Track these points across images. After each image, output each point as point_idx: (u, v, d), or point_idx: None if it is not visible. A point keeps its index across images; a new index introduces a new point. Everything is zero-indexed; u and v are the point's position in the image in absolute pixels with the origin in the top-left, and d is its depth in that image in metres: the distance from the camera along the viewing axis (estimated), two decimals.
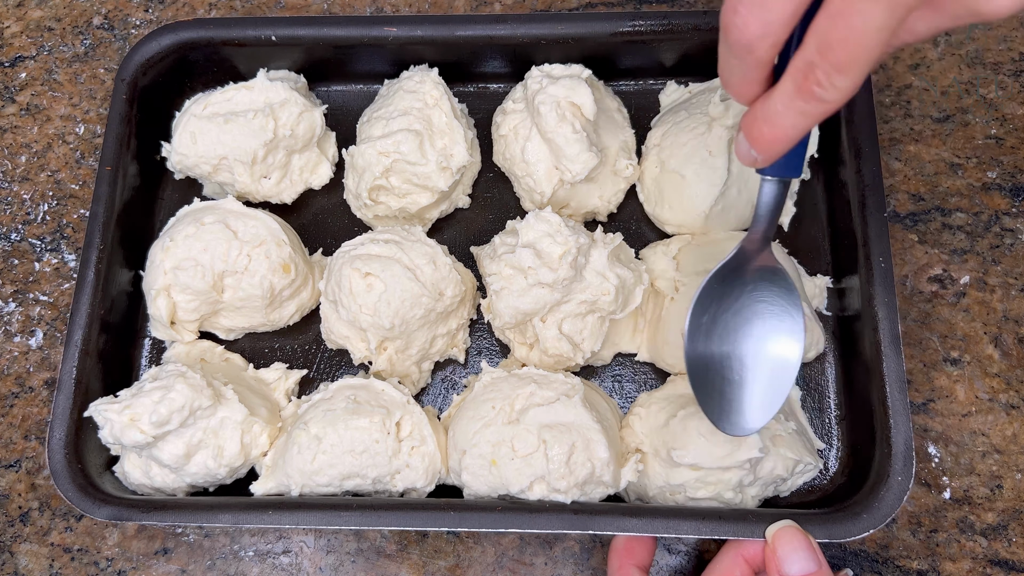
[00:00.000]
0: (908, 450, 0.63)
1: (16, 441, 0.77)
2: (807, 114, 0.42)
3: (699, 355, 0.58)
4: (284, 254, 0.72)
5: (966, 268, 0.76)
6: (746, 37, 0.40)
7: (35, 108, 0.88)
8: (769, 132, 0.44)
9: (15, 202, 0.85)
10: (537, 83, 0.72)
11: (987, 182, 0.79)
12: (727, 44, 0.42)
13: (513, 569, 0.71)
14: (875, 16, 0.36)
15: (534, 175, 0.74)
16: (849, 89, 0.40)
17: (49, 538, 0.74)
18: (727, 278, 0.58)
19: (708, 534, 0.61)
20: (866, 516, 0.62)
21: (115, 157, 0.76)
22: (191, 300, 0.71)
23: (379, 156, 0.73)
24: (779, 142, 0.44)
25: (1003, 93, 0.81)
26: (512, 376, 0.69)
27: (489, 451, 0.65)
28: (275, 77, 0.77)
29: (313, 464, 0.65)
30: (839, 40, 0.38)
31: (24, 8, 0.93)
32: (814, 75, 0.39)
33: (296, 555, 0.72)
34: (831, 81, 0.39)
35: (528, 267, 0.66)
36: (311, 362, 0.77)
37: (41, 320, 0.81)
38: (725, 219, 0.74)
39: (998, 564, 0.69)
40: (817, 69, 0.39)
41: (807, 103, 0.41)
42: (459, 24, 0.77)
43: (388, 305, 0.68)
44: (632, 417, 0.70)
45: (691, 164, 0.73)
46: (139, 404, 0.64)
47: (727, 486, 0.64)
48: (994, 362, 0.74)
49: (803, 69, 0.40)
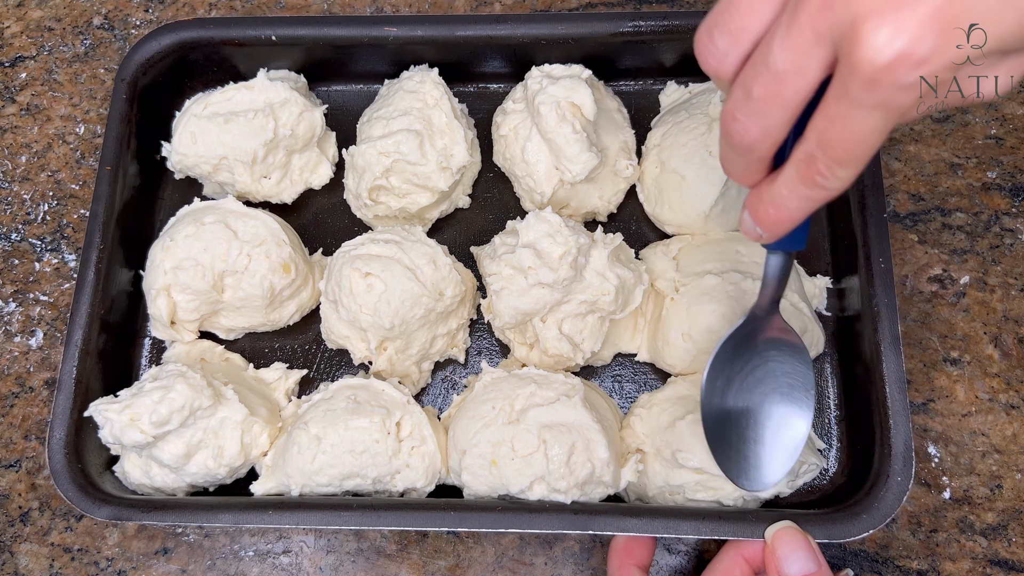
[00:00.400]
0: (908, 450, 0.63)
1: (16, 441, 0.77)
2: (810, 199, 0.44)
3: (715, 415, 0.60)
4: (284, 254, 0.72)
5: (966, 268, 0.77)
6: (747, 141, 0.43)
7: (35, 108, 0.88)
8: (775, 214, 0.46)
9: (15, 202, 0.85)
10: (537, 83, 0.72)
11: (987, 182, 0.79)
12: (729, 145, 0.44)
13: (513, 569, 0.71)
14: (870, 122, 0.38)
15: (534, 175, 0.74)
16: (850, 178, 0.41)
17: (49, 538, 0.74)
18: (739, 342, 0.60)
19: (708, 534, 0.61)
20: (865, 516, 0.62)
21: (115, 157, 0.76)
22: (191, 300, 0.71)
23: (379, 156, 0.73)
24: (784, 223, 0.46)
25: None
26: (512, 376, 0.69)
27: (489, 451, 0.65)
28: (275, 77, 0.77)
29: (313, 464, 0.65)
30: (837, 140, 0.39)
31: (24, 8, 0.93)
32: (816, 167, 0.41)
33: (296, 555, 0.72)
34: (832, 172, 0.41)
35: (528, 267, 0.66)
36: (311, 362, 0.77)
37: (41, 320, 0.81)
38: (725, 219, 0.74)
39: (998, 564, 0.69)
40: (819, 162, 0.41)
41: (810, 190, 0.43)
42: (459, 24, 0.77)
43: (388, 305, 0.68)
44: (633, 418, 0.70)
45: (691, 164, 0.73)
46: (139, 404, 0.64)
47: (728, 494, 0.64)
48: (994, 362, 0.74)
49: (805, 160, 0.41)
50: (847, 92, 0.37)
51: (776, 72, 0.39)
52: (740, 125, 0.42)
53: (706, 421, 0.60)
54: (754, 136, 0.42)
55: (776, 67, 0.39)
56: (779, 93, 0.40)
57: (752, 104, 0.41)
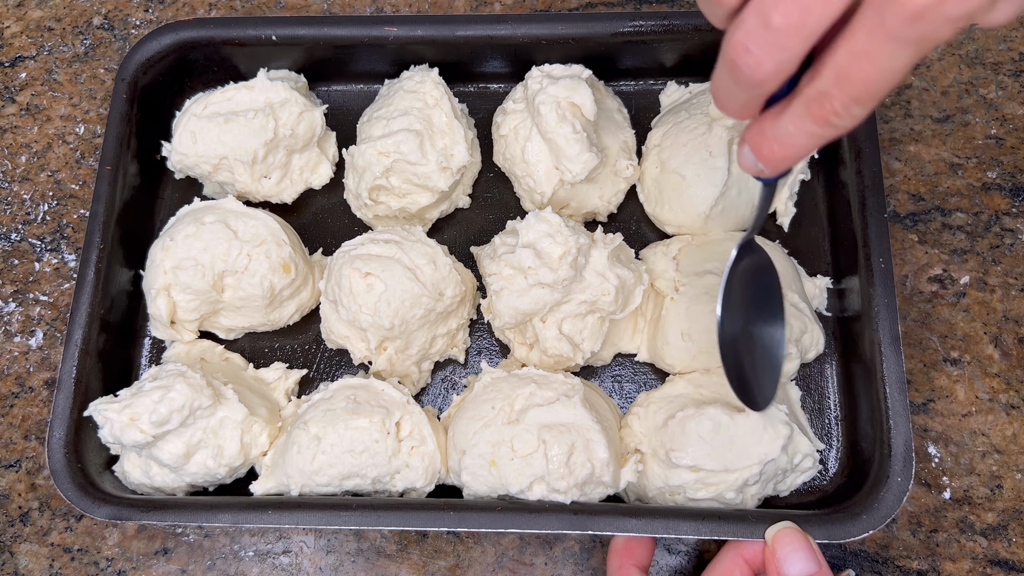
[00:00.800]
0: (908, 451, 0.63)
1: (16, 441, 0.77)
2: (819, 136, 0.41)
3: (728, 339, 0.60)
4: (284, 254, 0.72)
5: (966, 268, 0.76)
6: (759, 75, 0.39)
7: (35, 108, 0.88)
8: (780, 151, 0.43)
9: (15, 202, 0.85)
10: (537, 83, 0.72)
11: (987, 182, 0.79)
12: (733, 79, 0.40)
13: (513, 569, 0.71)
14: (902, 58, 0.35)
15: (534, 175, 0.74)
16: (864, 116, 0.39)
17: (49, 538, 0.74)
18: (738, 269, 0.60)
19: (707, 535, 0.61)
20: (865, 517, 0.62)
21: (115, 156, 0.76)
22: (191, 300, 0.71)
23: (379, 156, 0.73)
24: (789, 160, 0.44)
25: (1003, 93, 0.81)
26: (512, 376, 0.68)
27: (489, 451, 0.65)
28: (275, 77, 0.77)
29: (313, 464, 0.65)
30: (861, 77, 0.37)
31: (24, 8, 0.93)
32: (830, 104, 0.39)
33: (296, 555, 0.72)
34: (848, 111, 0.39)
35: (528, 267, 0.66)
36: (311, 362, 0.77)
37: (41, 320, 0.81)
38: (725, 220, 0.74)
39: (998, 564, 0.69)
40: (834, 100, 0.38)
41: (820, 128, 0.40)
42: (460, 24, 0.77)
43: (388, 305, 0.68)
44: (631, 417, 0.70)
45: (691, 164, 0.73)
46: (139, 403, 0.64)
47: (729, 487, 0.64)
48: (994, 362, 0.74)
49: (818, 98, 0.39)
50: (883, 25, 0.34)
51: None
52: (753, 58, 0.38)
53: (722, 346, 0.59)
54: (767, 71, 0.38)
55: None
56: (803, 23, 0.36)
57: (770, 34, 0.37)
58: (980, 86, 0.81)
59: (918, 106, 0.81)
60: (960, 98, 0.81)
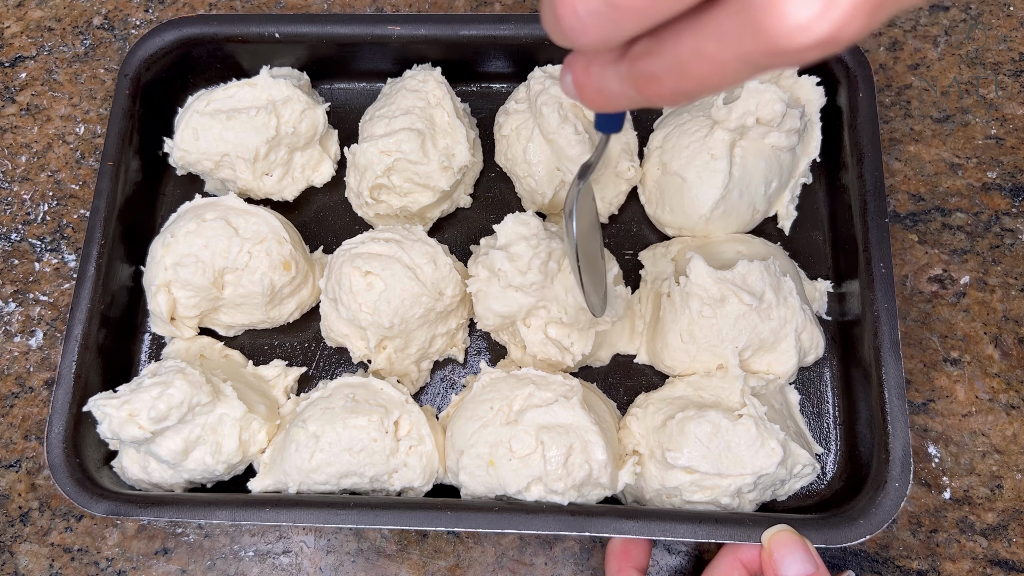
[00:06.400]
0: (906, 456, 0.63)
1: (16, 441, 0.77)
2: (639, 103, 0.39)
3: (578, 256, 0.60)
4: (285, 251, 0.72)
5: (966, 268, 0.77)
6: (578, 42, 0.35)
7: (35, 108, 0.88)
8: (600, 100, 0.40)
9: (15, 202, 0.85)
10: (540, 84, 0.72)
11: (987, 182, 0.79)
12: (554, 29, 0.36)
13: (513, 569, 0.71)
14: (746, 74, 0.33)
15: (536, 176, 0.74)
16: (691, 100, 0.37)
17: (49, 538, 0.74)
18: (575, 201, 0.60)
19: (704, 538, 0.61)
20: (863, 522, 0.62)
21: (117, 152, 0.76)
22: (191, 296, 0.71)
23: (381, 155, 0.73)
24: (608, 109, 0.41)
25: (1003, 93, 0.81)
26: (511, 377, 0.68)
27: (487, 451, 0.64)
28: (278, 74, 0.78)
29: (311, 462, 0.65)
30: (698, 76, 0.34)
31: (24, 8, 0.93)
32: (659, 87, 0.36)
33: (296, 555, 0.72)
34: (675, 97, 0.36)
35: (499, 269, 0.66)
36: (310, 360, 0.77)
37: (41, 320, 0.80)
38: (726, 222, 0.74)
39: (998, 564, 0.69)
40: (664, 85, 0.36)
41: (642, 99, 0.38)
42: (463, 24, 0.77)
43: (388, 304, 0.68)
44: (629, 417, 0.70)
45: (693, 167, 0.73)
46: (138, 399, 0.64)
47: (724, 492, 0.64)
48: (994, 362, 0.74)
49: (648, 77, 0.36)
50: (739, 44, 0.32)
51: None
52: (580, 24, 0.34)
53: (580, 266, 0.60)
54: (589, 40, 0.35)
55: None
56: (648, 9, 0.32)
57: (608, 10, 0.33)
58: (980, 86, 0.82)
59: (918, 106, 0.82)
60: (960, 98, 0.82)
